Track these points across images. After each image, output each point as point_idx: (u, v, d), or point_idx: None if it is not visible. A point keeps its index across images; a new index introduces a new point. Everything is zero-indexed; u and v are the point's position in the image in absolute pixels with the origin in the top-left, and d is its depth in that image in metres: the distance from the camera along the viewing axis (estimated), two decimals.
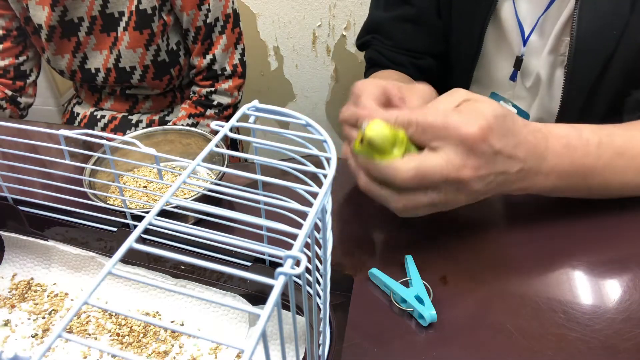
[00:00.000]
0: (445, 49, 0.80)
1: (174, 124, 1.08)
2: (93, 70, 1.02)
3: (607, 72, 0.64)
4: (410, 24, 0.79)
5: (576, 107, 0.68)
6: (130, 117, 1.10)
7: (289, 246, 0.30)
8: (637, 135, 0.55)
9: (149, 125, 1.09)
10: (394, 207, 0.47)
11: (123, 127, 1.09)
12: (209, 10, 0.98)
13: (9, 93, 1.02)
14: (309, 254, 0.27)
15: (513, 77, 0.74)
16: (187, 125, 1.06)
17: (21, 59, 1.02)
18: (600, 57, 0.63)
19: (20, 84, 1.03)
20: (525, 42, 0.70)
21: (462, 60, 0.77)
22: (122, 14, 0.95)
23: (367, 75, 0.85)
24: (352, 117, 0.48)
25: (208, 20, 0.99)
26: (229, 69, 1.06)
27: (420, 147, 0.46)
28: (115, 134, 1.06)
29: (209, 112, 1.07)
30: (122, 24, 0.96)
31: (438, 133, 0.44)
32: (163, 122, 1.10)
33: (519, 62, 0.72)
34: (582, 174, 0.52)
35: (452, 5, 0.75)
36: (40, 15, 0.94)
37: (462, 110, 0.45)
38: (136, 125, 1.09)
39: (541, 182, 0.51)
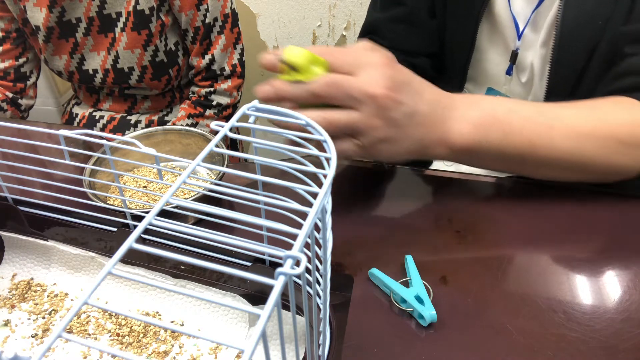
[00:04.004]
0: (439, 49, 0.81)
1: (173, 124, 1.08)
2: (91, 71, 1.02)
3: (591, 63, 0.64)
4: (403, 24, 0.80)
5: (561, 98, 0.69)
6: (129, 117, 1.10)
7: (289, 246, 0.30)
8: (575, 109, 0.56)
9: (147, 125, 1.09)
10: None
11: (122, 127, 1.09)
12: (207, 10, 0.98)
13: (10, 95, 1.02)
14: (309, 254, 0.27)
15: (509, 72, 0.75)
16: (187, 125, 1.06)
17: (21, 60, 1.02)
18: (584, 48, 0.63)
19: (20, 85, 1.03)
20: (520, 36, 0.70)
21: (456, 57, 0.78)
22: (119, 14, 0.95)
23: None
24: (271, 61, 0.50)
25: (207, 21, 0.99)
26: (228, 69, 1.06)
27: None
28: (114, 134, 1.06)
29: (208, 112, 1.07)
30: (120, 24, 0.96)
31: (356, 60, 0.48)
32: (162, 122, 1.10)
33: (514, 56, 0.72)
34: (500, 129, 0.53)
35: (447, 3, 0.75)
36: (38, 16, 0.94)
37: (376, 49, 0.51)
38: (135, 125, 1.09)
39: (456, 131, 0.52)
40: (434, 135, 0.52)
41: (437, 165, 0.83)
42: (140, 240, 0.46)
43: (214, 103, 1.07)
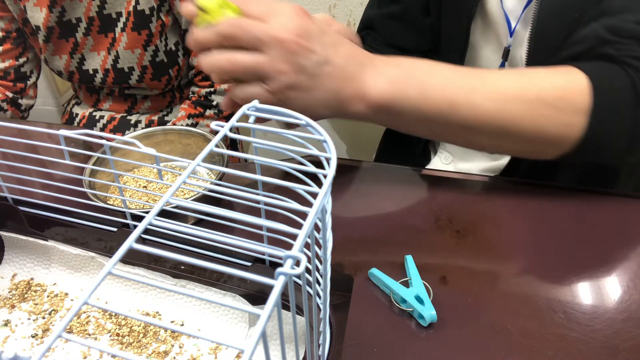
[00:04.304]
0: (433, 46, 0.81)
1: (174, 124, 1.08)
2: (91, 71, 1.02)
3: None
4: (397, 21, 0.81)
5: None
6: (129, 117, 1.10)
7: (289, 246, 0.30)
8: (503, 73, 0.54)
9: (148, 125, 1.09)
10: (217, 65, 0.50)
11: (122, 127, 1.09)
12: None
13: (10, 95, 1.02)
14: (309, 254, 0.27)
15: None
16: (187, 125, 1.06)
17: (21, 60, 1.02)
18: (560, 40, 0.63)
19: (21, 85, 1.03)
20: (512, 33, 0.71)
21: (451, 54, 0.78)
22: (119, 14, 0.95)
23: None
24: (188, 8, 0.51)
25: None
26: None
27: None
28: (114, 134, 1.06)
29: (208, 112, 1.07)
30: (120, 24, 0.96)
31: (268, 8, 0.49)
32: (162, 122, 1.10)
33: (506, 53, 0.72)
34: (418, 86, 0.51)
35: (442, 2, 0.76)
36: (38, 16, 0.94)
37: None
38: (135, 125, 1.09)
39: (372, 85, 0.51)
40: (349, 89, 0.51)
41: (437, 165, 0.83)
42: (140, 240, 0.46)
43: (214, 103, 1.07)
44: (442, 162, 0.83)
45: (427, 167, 0.84)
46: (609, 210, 0.57)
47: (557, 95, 0.52)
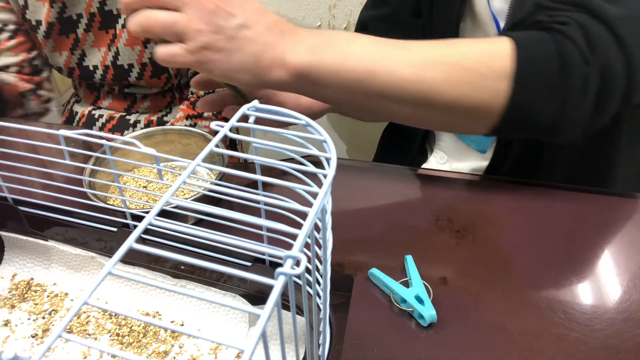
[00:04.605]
0: None
1: (172, 125, 1.08)
2: (91, 67, 1.02)
3: None
4: (388, 23, 0.82)
5: None
6: (128, 117, 1.10)
7: (289, 246, 0.30)
8: (426, 42, 0.53)
9: (147, 125, 1.09)
10: (137, 22, 0.51)
11: (121, 127, 1.09)
12: None
13: (31, 86, 1.02)
14: (309, 254, 0.27)
15: None
16: (185, 126, 1.06)
17: (33, 53, 1.02)
18: None
19: (37, 79, 1.03)
20: (500, 33, 0.71)
21: None
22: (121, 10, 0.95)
23: None
24: None
25: None
26: None
27: None
28: (113, 133, 1.06)
29: (207, 113, 1.07)
30: (121, 20, 0.96)
31: None
32: (161, 122, 1.10)
33: None
34: (336, 52, 0.51)
35: (433, 3, 0.76)
36: (41, 11, 0.94)
37: None
38: (134, 125, 1.09)
39: (290, 51, 0.51)
40: (269, 55, 0.51)
41: (433, 164, 0.83)
42: (140, 240, 0.46)
43: None
44: (438, 162, 0.83)
45: (424, 166, 0.84)
46: (609, 210, 0.57)
47: (478, 60, 0.51)
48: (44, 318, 0.48)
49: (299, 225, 0.24)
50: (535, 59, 0.51)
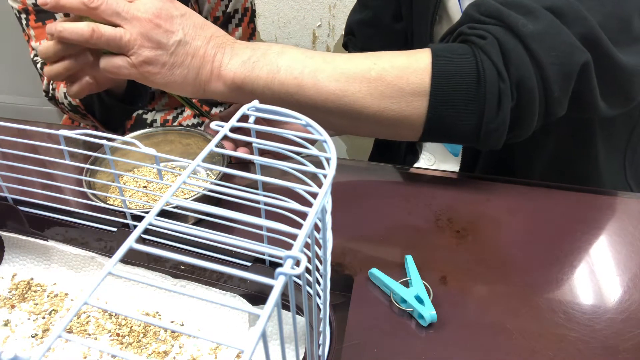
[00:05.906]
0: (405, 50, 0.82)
1: (179, 123, 1.07)
2: None
3: None
4: (368, 27, 0.84)
5: None
6: (145, 116, 1.09)
7: (289, 246, 0.30)
8: (351, 55, 0.56)
9: (163, 124, 1.09)
10: (79, 31, 0.53)
11: (138, 126, 1.08)
12: (230, 0, 0.99)
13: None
14: (309, 254, 0.27)
15: None
16: (193, 124, 1.06)
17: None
18: None
19: None
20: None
21: None
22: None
23: None
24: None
25: (228, 10, 1.00)
26: None
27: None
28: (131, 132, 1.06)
29: (215, 110, 1.07)
30: None
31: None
32: (176, 122, 1.10)
33: None
34: (266, 65, 0.54)
35: (413, 6, 0.77)
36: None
37: None
38: (151, 125, 1.09)
39: (226, 64, 0.55)
40: (208, 68, 0.55)
41: (422, 165, 0.84)
42: (140, 240, 0.46)
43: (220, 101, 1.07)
44: (426, 163, 0.83)
45: (415, 165, 0.84)
46: (609, 210, 0.57)
47: (397, 75, 0.53)
48: (44, 318, 0.48)
49: (299, 225, 0.24)
50: (452, 74, 0.52)
